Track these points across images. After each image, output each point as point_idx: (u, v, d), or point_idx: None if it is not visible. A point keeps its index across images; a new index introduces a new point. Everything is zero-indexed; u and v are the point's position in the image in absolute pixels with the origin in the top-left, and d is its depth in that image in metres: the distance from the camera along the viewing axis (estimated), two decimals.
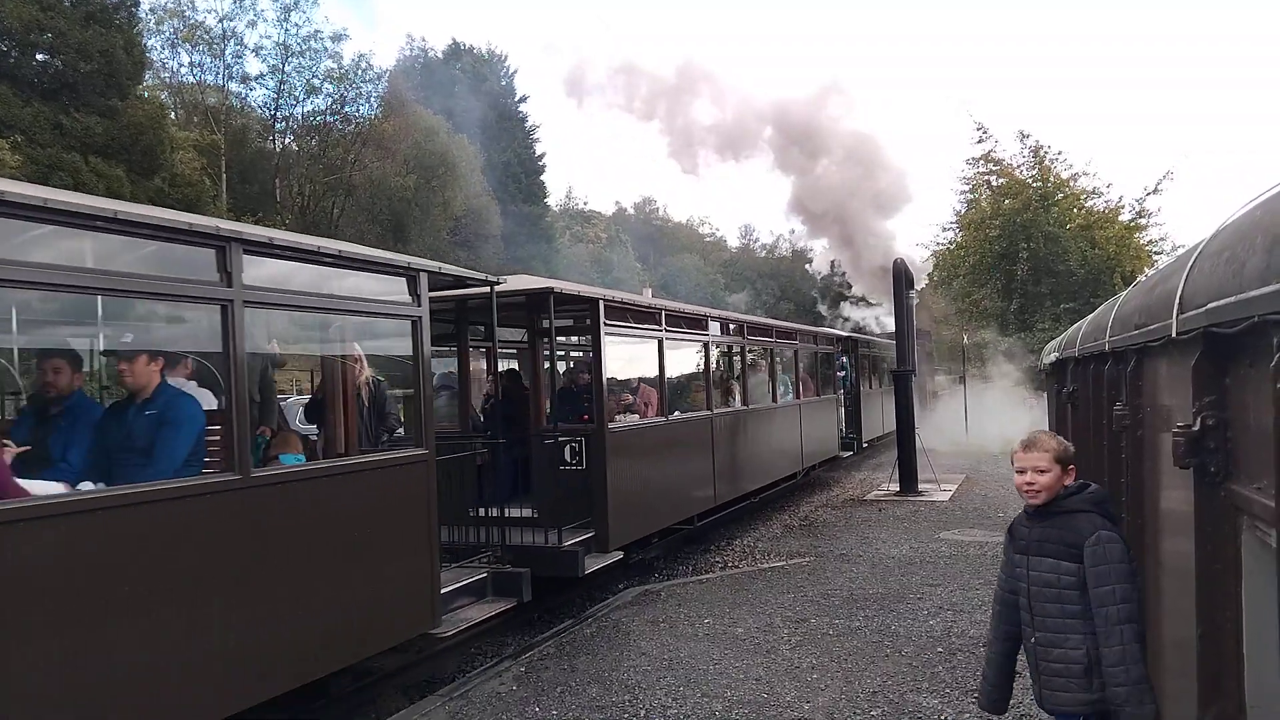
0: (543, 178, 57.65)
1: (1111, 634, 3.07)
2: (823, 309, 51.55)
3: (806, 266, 55.97)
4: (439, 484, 6.33)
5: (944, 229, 32.08)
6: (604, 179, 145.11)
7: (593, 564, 8.26)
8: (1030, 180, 28.55)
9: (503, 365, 10.91)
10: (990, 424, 27.25)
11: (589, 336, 9.32)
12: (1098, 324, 5.16)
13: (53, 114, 25.88)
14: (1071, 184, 28.46)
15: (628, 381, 10.90)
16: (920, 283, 26.64)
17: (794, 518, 13.55)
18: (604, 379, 8.90)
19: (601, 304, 9.02)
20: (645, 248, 71.11)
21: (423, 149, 41.18)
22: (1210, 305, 2.08)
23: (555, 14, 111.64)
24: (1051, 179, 28.36)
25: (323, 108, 41.80)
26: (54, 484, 4.31)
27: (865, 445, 21.97)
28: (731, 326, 13.24)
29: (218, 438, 4.82)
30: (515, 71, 56.06)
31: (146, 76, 32.71)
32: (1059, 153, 28.91)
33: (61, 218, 3.94)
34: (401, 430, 7.26)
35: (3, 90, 25.07)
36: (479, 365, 10.38)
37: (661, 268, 68.05)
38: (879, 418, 22.95)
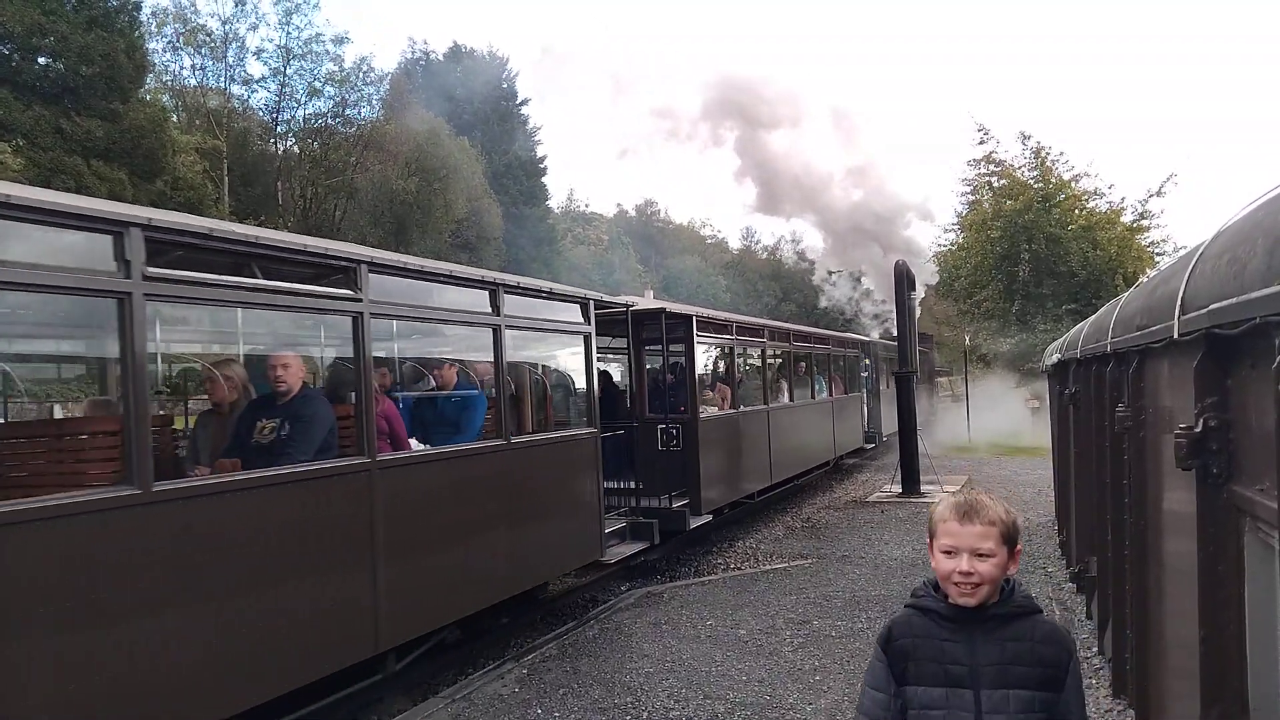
0: (544, 180, 57.63)
1: None
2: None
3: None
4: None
5: (945, 230, 32.13)
6: (605, 180, 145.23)
7: (694, 522, 10.37)
8: (1032, 181, 28.57)
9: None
10: (992, 425, 27.27)
11: (680, 344, 11.29)
12: (1099, 325, 5.16)
13: (54, 117, 25.92)
14: (1073, 185, 28.49)
15: (704, 378, 12.54)
16: (921, 287, 26.69)
17: (796, 519, 13.54)
18: (696, 377, 11.05)
19: (694, 319, 11.24)
20: (646, 249, 71.17)
21: (424, 151, 41.20)
22: (1212, 307, 2.09)
23: (557, 16, 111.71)
24: (1053, 180, 28.39)
25: (324, 110, 41.87)
26: (419, 444, 6.59)
27: (885, 438, 22.47)
28: (780, 333, 15.39)
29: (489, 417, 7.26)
30: (517, 74, 56.02)
31: (148, 80, 32.76)
32: (1060, 154, 29.01)
33: (424, 276, 6.37)
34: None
35: (4, 94, 25.12)
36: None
37: (663, 269, 68.08)
38: (894, 414, 23.66)
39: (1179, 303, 2.50)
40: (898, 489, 15.52)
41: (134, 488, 4.07)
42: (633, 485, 9.89)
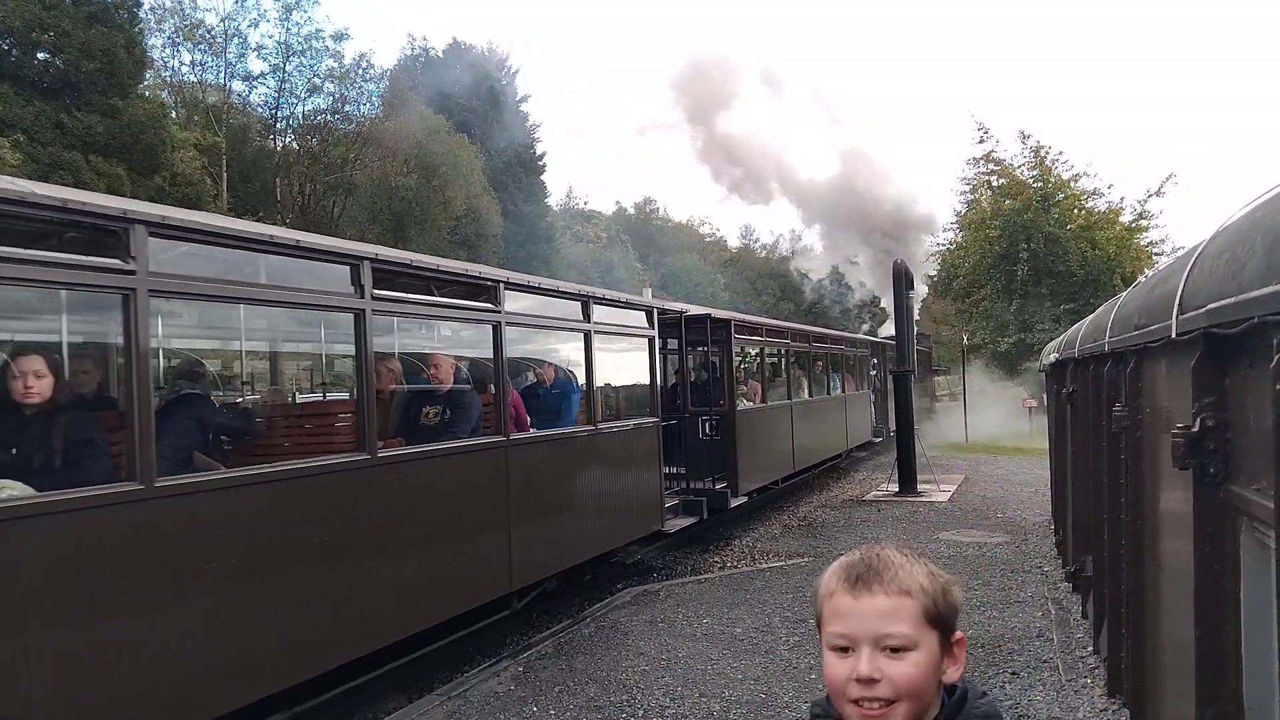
0: (543, 177, 57.53)
1: None
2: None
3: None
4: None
5: (944, 228, 32.11)
6: (605, 178, 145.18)
7: (734, 502, 11.81)
8: (1031, 181, 28.54)
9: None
10: (989, 424, 27.28)
11: (720, 345, 12.54)
12: (1098, 325, 5.16)
13: (54, 113, 25.84)
14: (1072, 184, 28.45)
15: (737, 375, 13.66)
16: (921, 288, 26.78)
17: (793, 518, 13.54)
18: (733, 374, 12.43)
19: (732, 323, 12.69)
20: (645, 247, 71.04)
21: (424, 148, 41.11)
22: (1210, 306, 2.08)
23: (557, 14, 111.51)
24: (1052, 180, 28.35)
25: (324, 107, 41.78)
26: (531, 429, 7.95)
27: (891, 433, 23.03)
28: (800, 335, 17.08)
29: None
30: (516, 71, 55.93)
31: (147, 75, 32.69)
32: (1060, 153, 28.96)
33: (540, 291, 8.16)
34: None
35: (4, 89, 25.06)
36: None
37: (661, 267, 68.01)
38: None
39: (1177, 302, 2.49)
40: (894, 487, 15.52)
41: (365, 454, 5.61)
42: (681, 470, 11.36)
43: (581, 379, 8.96)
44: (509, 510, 7.07)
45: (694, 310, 12.17)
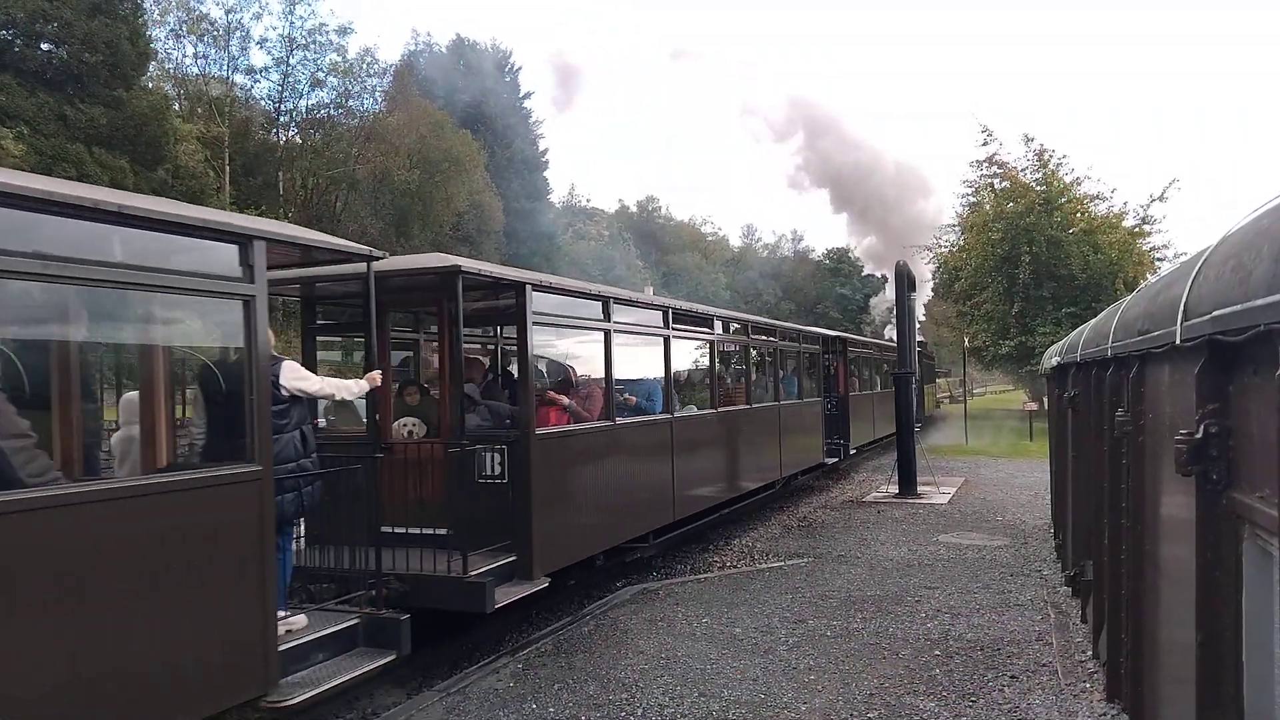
0: (545, 174, 57.57)
1: None
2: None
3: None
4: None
5: (946, 227, 32.06)
6: (607, 175, 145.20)
7: (850, 450, 19.21)
8: (1034, 184, 28.47)
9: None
10: (989, 427, 27.24)
11: (838, 354, 19.70)
12: (1100, 329, 5.16)
13: (57, 104, 25.85)
14: (1074, 188, 28.37)
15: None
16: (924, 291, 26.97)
17: (793, 518, 13.55)
18: (845, 373, 19.63)
19: (846, 340, 20.66)
20: (647, 246, 71.02)
21: (427, 143, 41.09)
22: (1215, 313, 2.08)
23: (559, 12, 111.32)
24: (1055, 183, 28.27)
25: (327, 101, 41.78)
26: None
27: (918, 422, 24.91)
28: (875, 346, 25.23)
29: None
30: (520, 68, 55.94)
31: (151, 68, 32.68)
32: (1064, 157, 28.86)
33: (787, 332, 16.23)
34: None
35: (7, 80, 25.06)
36: None
37: (663, 266, 68.01)
38: (920, 404, 29.25)
39: (1182, 308, 2.49)
40: (894, 489, 15.52)
41: (775, 402, 14.07)
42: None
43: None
44: (779, 435, 13.81)
45: (822, 331, 19.41)
